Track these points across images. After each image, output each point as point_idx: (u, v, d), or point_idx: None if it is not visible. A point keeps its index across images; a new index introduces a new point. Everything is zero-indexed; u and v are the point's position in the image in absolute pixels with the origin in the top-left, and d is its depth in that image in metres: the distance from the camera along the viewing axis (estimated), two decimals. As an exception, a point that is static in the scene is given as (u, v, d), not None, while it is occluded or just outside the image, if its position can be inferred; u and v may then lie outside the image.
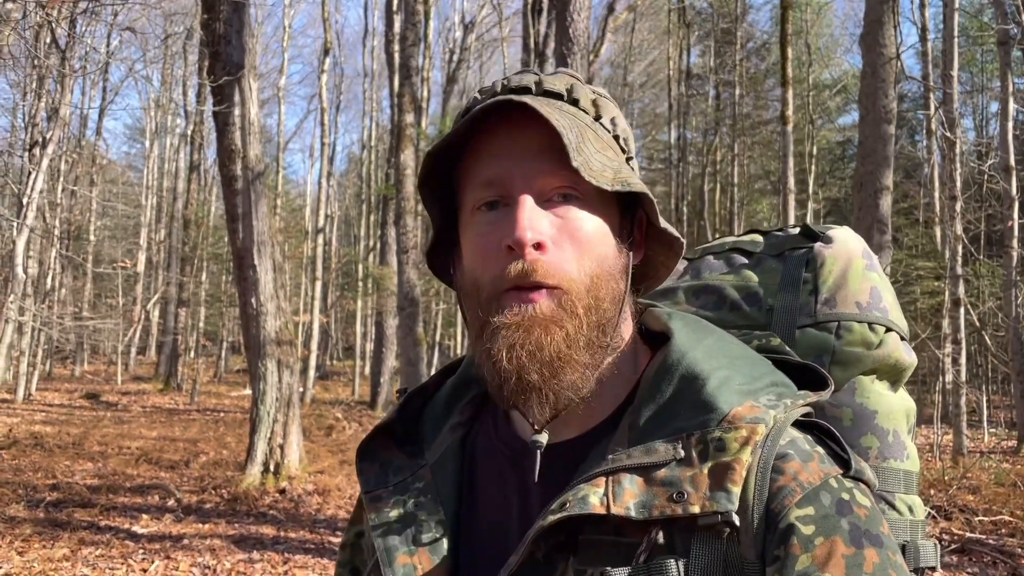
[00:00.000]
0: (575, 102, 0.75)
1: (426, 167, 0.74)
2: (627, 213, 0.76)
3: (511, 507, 0.75)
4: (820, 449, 0.67)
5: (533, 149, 0.70)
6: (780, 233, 0.93)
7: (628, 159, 0.78)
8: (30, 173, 8.90)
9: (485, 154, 0.72)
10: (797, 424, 0.69)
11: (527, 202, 0.69)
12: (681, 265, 0.97)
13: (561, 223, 0.70)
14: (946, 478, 7.98)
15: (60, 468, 8.44)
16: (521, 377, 0.68)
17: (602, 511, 0.63)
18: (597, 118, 0.75)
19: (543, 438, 0.71)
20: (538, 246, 0.68)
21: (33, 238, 12.32)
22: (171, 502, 7.00)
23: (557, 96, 0.74)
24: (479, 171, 0.72)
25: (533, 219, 0.68)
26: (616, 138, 0.76)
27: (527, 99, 0.68)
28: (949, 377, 11.63)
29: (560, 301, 0.69)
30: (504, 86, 0.75)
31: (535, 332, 0.68)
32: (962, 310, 10.69)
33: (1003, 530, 6.33)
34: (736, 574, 0.62)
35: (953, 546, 5.76)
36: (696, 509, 0.62)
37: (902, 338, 0.85)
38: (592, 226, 0.71)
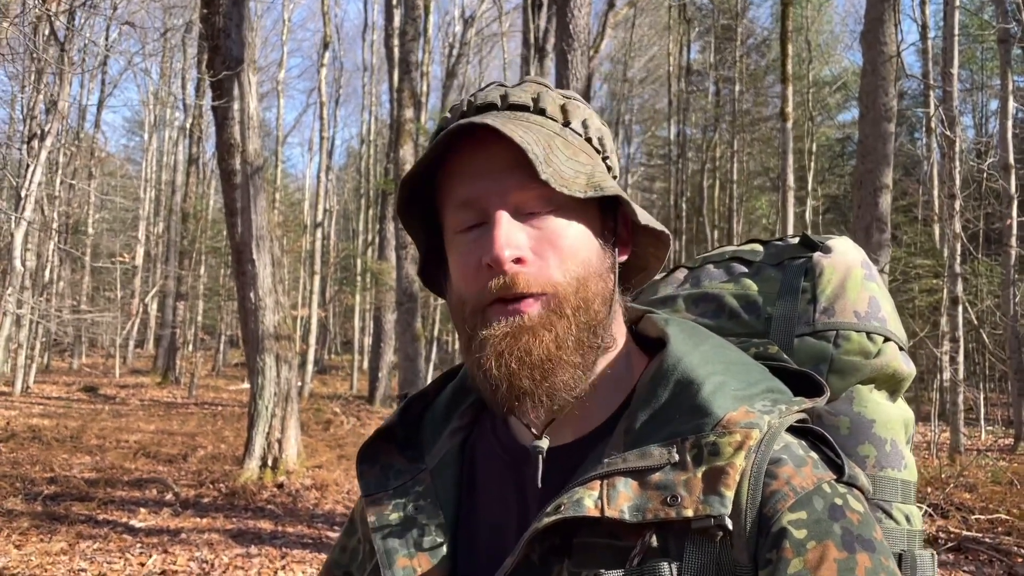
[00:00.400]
0: (542, 111, 0.75)
1: (402, 195, 0.75)
2: (609, 212, 0.76)
3: (510, 510, 0.75)
4: (814, 454, 0.68)
5: (502, 166, 0.70)
6: (779, 243, 0.94)
7: (604, 158, 0.78)
8: (28, 166, 8.87)
9: (458, 175, 0.73)
10: (792, 430, 0.69)
11: (503, 218, 0.69)
12: (681, 274, 0.98)
13: (540, 234, 0.70)
14: (943, 476, 7.99)
15: (58, 461, 8.45)
16: (512, 383, 0.69)
17: (596, 514, 0.64)
18: (566, 124, 0.76)
19: (544, 444, 0.72)
20: (518, 260, 0.69)
21: (31, 231, 12.30)
22: (169, 496, 7.01)
23: (523, 108, 0.75)
24: (454, 192, 0.73)
25: (510, 235, 0.69)
26: (589, 140, 0.77)
27: (490, 119, 0.69)
28: (947, 375, 11.66)
29: (549, 305, 0.69)
30: (471, 103, 0.76)
31: (523, 338, 0.68)
32: (960, 308, 10.70)
33: (999, 528, 6.34)
34: (729, 577, 0.63)
35: (949, 544, 5.77)
36: (689, 513, 0.63)
37: (901, 348, 0.85)
38: (572, 233, 0.71)
